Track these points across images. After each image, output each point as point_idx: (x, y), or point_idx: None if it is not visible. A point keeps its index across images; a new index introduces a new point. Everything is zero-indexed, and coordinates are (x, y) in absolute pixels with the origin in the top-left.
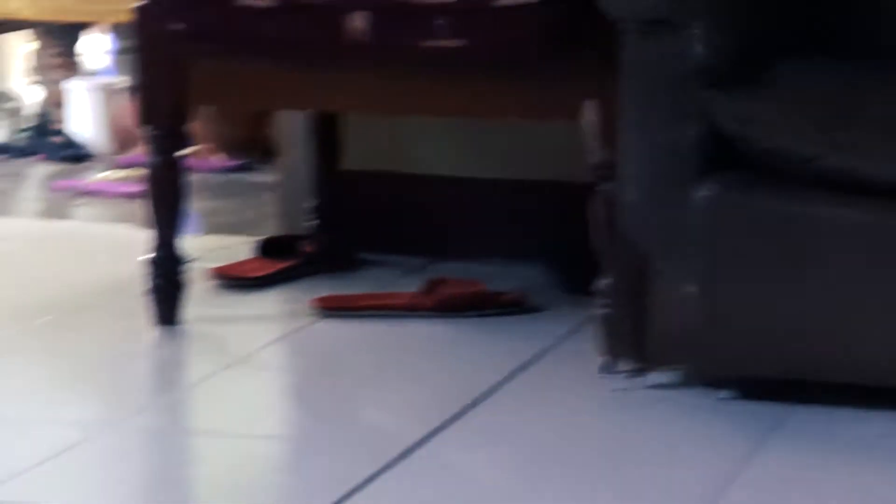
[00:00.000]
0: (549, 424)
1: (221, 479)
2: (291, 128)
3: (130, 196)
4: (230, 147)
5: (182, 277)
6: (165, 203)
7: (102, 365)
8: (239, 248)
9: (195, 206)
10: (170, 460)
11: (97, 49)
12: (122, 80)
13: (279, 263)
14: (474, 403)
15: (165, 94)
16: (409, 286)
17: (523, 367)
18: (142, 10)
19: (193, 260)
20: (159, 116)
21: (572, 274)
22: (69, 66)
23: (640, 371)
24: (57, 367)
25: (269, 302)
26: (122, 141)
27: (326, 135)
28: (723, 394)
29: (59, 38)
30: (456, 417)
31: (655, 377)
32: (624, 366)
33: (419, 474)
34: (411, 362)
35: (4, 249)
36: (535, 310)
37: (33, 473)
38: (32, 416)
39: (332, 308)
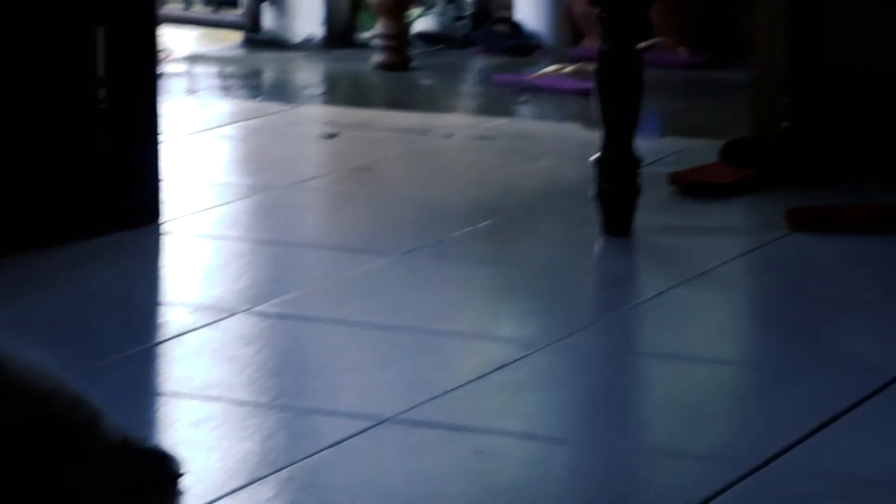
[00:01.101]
0: None
1: (676, 406)
2: (767, 18)
3: (580, 93)
4: (694, 40)
5: (635, 182)
6: (618, 98)
7: (544, 276)
8: (700, 152)
9: (652, 105)
10: (614, 384)
11: None
12: None
13: (746, 170)
14: None
15: None
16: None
17: None
18: None
19: (649, 164)
20: None
21: None
22: None
23: None
24: (496, 277)
25: (733, 212)
26: (573, 31)
27: (806, 27)
28: None
29: None
30: None
31: None
32: None
33: None
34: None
35: (444, 149)
36: None
37: (464, 391)
38: (469, 331)
39: (807, 221)
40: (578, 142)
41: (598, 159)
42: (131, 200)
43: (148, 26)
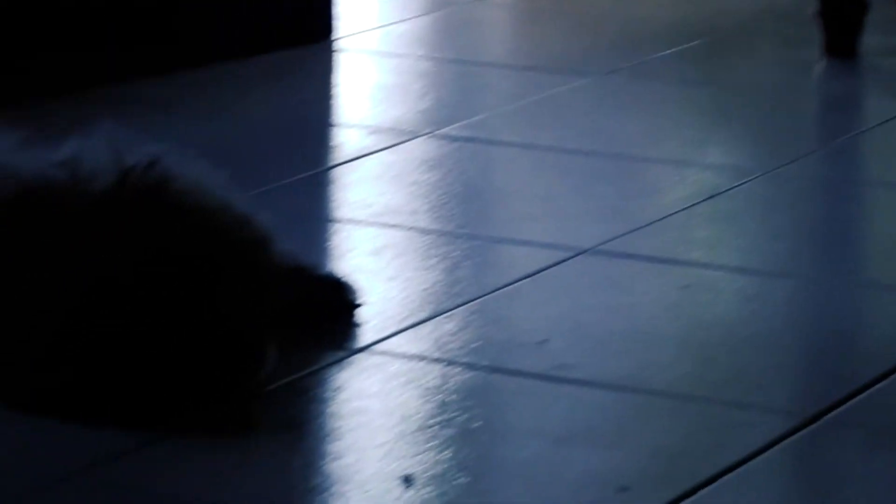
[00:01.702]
0: None
1: (894, 241)
2: None
3: None
4: None
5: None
6: None
7: (760, 100)
8: None
9: None
10: (836, 214)
11: None
12: None
13: None
14: None
15: None
16: None
17: None
18: None
19: None
20: None
21: None
22: None
23: None
24: (707, 100)
25: None
26: None
27: None
28: None
29: None
30: None
31: None
32: None
33: None
34: None
35: None
36: None
37: (670, 221)
38: (677, 157)
39: None
40: None
41: None
42: (301, 13)
43: None
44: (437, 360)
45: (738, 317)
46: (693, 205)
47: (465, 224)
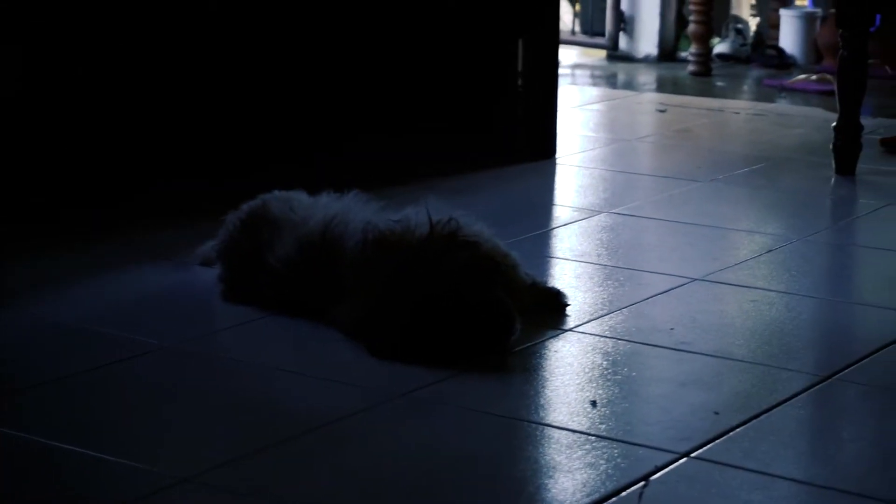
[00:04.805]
0: None
1: (881, 278)
2: None
3: (821, 92)
4: (895, 61)
5: (859, 141)
6: (851, 86)
7: (795, 197)
8: None
9: (869, 100)
10: (842, 264)
11: None
12: (819, 11)
13: None
14: None
15: (859, 1)
16: None
17: None
18: None
19: (867, 133)
20: (853, 21)
21: None
22: None
23: None
24: (761, 197)
25: None
26: (817, 55)
27: None
28: None
29: None
30: None
31: None
32: None
33: None
34: None
35: (733, 120)
36: None
37: (746, 264)
38: (749, 228)
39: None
40: (821, 119)
41: (835, 126)
42: (538, 143)
43: (551, 41)
44: (610, 338)
45: (784, 318)
46: (758, 255)
47: (626, 262)
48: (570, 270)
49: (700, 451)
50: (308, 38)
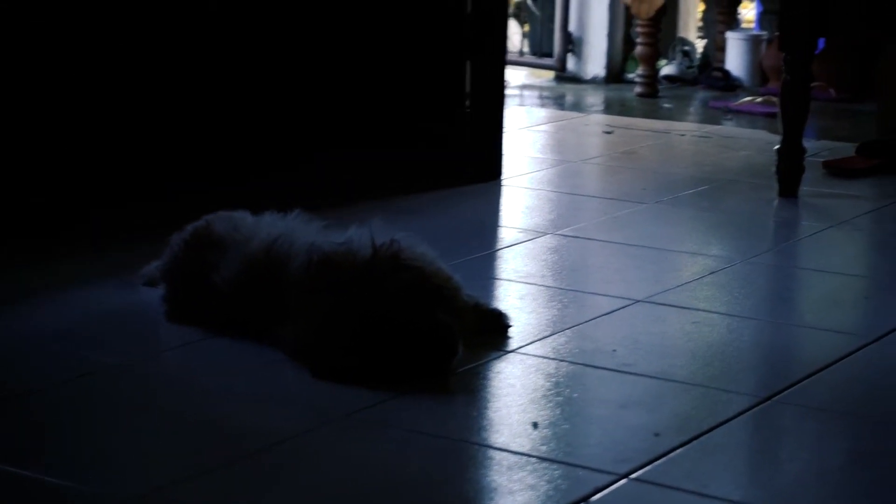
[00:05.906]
0: None
1: (823, 299)
2: (888, 68)
3: (766, 114)
4: (839, 83)
5: (801, 164)
6: (793, 110)
7: (738, 219)
8: (843, 150)
9: (812, 122)
10: (784, 286)
11: (749, 9)
12: (765, 34)
13: (875, 160)
14: None
15: (802, 26)
16: None
17: None
18: None
19: (810, 155)
20: (795, 45)
21: None
22: (729, 21)
23: None
24: (705, 219)
25: (864, 186)
26: (762, 77)
27: None
28: None
29: (721, 2)
30: None
31: None
32: None
33: None
34: None
35: (679, 143)
36: None
37: (689, 286)
38: (692, 250)
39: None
40: (765, 141)
41: (778, 149)
42: (484, 165)
43: (497, 63)
44: (552, 359)
45: (725, 340)
46: (701, 277)
47: (570, 283)
48: (514, 292)
49: (640, 472)
50: (254, 58)
